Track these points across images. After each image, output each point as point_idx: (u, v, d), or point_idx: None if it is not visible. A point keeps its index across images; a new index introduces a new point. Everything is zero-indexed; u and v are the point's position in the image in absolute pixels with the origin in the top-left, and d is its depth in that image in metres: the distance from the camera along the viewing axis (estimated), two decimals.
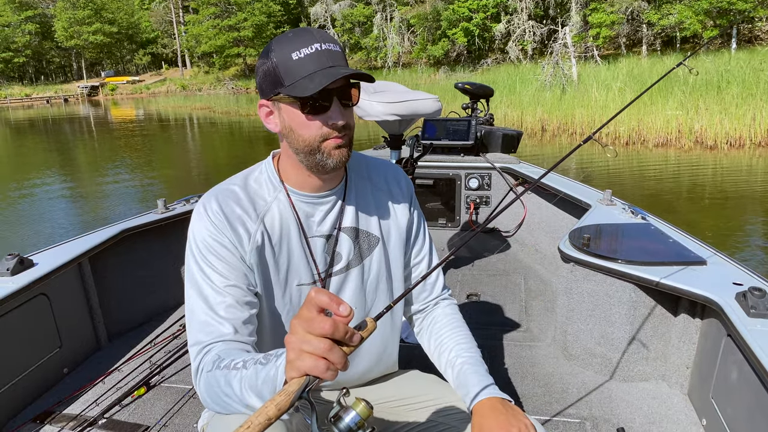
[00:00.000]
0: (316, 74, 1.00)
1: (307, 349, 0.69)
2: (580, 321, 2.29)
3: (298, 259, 1.17)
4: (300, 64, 1.01)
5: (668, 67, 16.05)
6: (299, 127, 1.05)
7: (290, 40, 1.02)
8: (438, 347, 1.29)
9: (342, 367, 0.69)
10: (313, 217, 1.18)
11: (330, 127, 1.04)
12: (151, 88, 50.40)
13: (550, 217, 3.56)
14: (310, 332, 0.69)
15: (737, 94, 11.51)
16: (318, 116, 1.04)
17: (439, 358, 1.29)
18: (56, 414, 2.06)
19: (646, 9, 25.65)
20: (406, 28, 36.14)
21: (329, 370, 0.68)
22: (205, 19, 45.71)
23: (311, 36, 1.02)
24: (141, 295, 2.79)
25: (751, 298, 1.69)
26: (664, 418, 1.96)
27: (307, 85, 0.99)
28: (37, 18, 54.87)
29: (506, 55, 29.15)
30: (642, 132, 11.62)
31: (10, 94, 49.83)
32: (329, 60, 1.01)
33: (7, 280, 2.09)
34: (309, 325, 0.70)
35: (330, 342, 0.69)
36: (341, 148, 1.07)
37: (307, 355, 0.69)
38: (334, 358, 0.69)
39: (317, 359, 0.68)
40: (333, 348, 0.69)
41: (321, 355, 0.68)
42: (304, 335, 0.70)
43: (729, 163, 9.47)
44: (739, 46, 22.65)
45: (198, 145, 16.88)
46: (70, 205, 8.82)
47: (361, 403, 0.76)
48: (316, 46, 1.01)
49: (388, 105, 2.57)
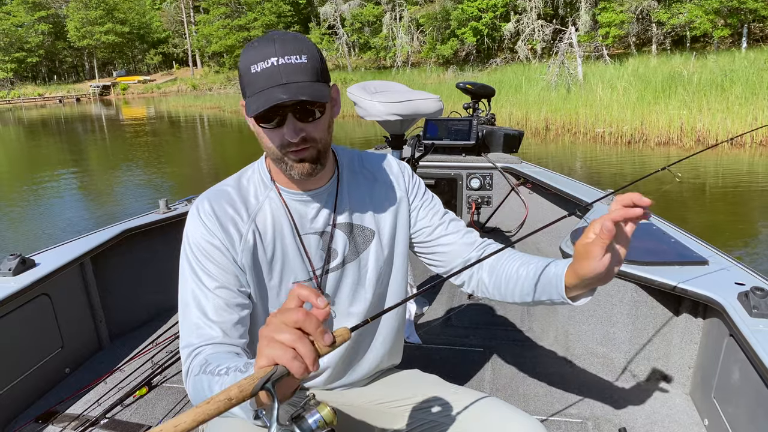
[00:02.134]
0: (263, 93, 0.98)
1: (277, 337, 0.68)
2: (582, 321, 2.28)
3: (292, 257, 1.17)
4: (255, 78, 0.99)
5: (675, 66, 15.97)
6: (260, 136, 1.06)
7: (252, 51, 1.00)
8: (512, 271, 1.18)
9: (310, 362, 0.67)
10: (306, 214, 1.17)
11: (286, 141, 1.02)
12: (162, 87, 50.75)
13: (551, 217, 3.54)
14: (284, 322, 0.69)
15: (740, 93, 11.51)
16: (273, 131, 1.03)
17: (516, 282, 1.16)
18: (58, 414, 2.07)
19: (656, 8, 25.46)
20: (415, 27, 36.10)
21: (296, 360, 0.66)
22: (215, 19, 46.01)
23: (271, 48, 0.99)
24: (143, 295, 2.80)
25: (753, 298, 1.68)
26: (665, 419, 1.95)
27: (253, 103, 0.98)
28: (50, 18, 55.52)
29: (515, 55, 29.03)
30: (645, 131, 11.64)
31: (23, 94, 50.49)
32: (284, 76, 0.98)
33: (8, 280, 2.11)
34: (283, 315, 0.70)
35: (300, 333, 0.68)
36: (303, 161, 1.05)
37: (277, 344, 0.68)
38: (302, 350, 0.67)
39: (285, 348, 0.67)
40: (303, 339, 0.68)
41: (290, 344, 0.67)
42: (278, 325, 0.69)
43: (730, 162, 9.48)
44: (749, 46, 22.42)
45: (208, 143, 16.98)
46: (79, 203, 8.90)
47: (327, 408, 0.76)
48: (272, 61, 0.98)
49: (390, 105, 2.56)
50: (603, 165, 9.84)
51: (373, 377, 1.37)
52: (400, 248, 1.28)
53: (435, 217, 1.29)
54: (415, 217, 1.30)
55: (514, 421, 1.11)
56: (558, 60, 16.76)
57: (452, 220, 1.30)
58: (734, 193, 7.55)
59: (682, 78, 13.29)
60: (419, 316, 2.84)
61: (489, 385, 2.22)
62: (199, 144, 16.84)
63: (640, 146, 11.23)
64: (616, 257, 0.93)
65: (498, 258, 1.22)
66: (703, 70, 14.44)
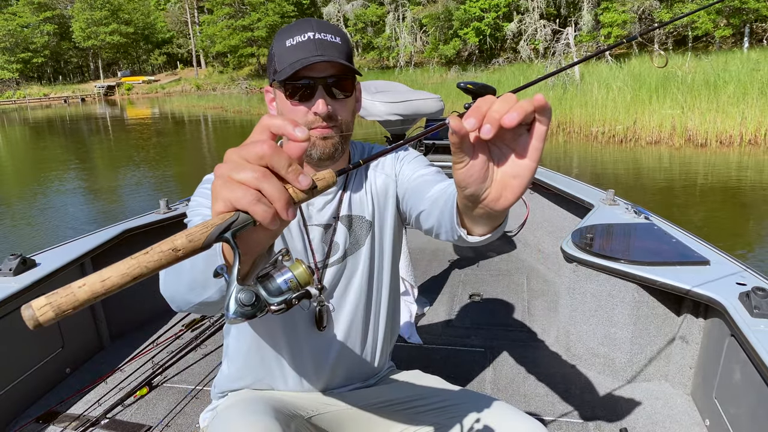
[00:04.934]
0: (299, 61, 1.01)
1: (236, 176, 0.52)
2: (583, 321, 2.27)
3: (296, 247, 1.17)
4: (290, 51, 1.03)
5: (669, 67, 16.04)
6: (287, 113, 1.07)
7: (289, 28, 1.05)
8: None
9: (282, 207, 0.52)
10: (313, 205, 1.18)
11: (313, 115, 1.04)
12: (166, 87, 50.82)
13: (552, 217, 3.54)
14: (244, 157, 0.53)
15: (732, 93, 11.65)
16: (302, 103, 1.05)
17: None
18: (59, 414, 2.08)
19: (658, 8, 25.37)
20: (418, 27, 36.09)
21: (261, 203, 0.51)
22: (219, 20, 46.05)
23: (309, 25, 1.04)
24: (143, 296, 2.80)
25: (754, 298, 1.67)
26: (667, 419, 1.94)
27: (287, 71, 1.01)
28: (56, 19, 55.64)
29: (518, 55, 28.99)
30: (637, 130, 11.80)
31: (29, 94, 50.60)
32: (319, 49, 1.02)
33: (9, 280, 2.11)
34: (244, 149, 0.54)
35: (266, 170, 0.52)
36: (326, 139, 1.07)
37: (236, 184, 0.52)
38: (270, 191, 0.52)
39: (247, 189, 0.52)
40: (269, 178, 0.52)
41: (253, 185, 0.52)
42: (237, 162, 0.53)
43: (718, 161, 9.60)
44: (752, 45, 22.33)
45: (211, 143, 17.05)
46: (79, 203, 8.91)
47: (302, 266, 0.60)
48: (309, 35, 1.02)
49: (391, 105, 2.57)
50: (596, 163, 10.03)
51: (373, 378, 1.36)
52: (396, 237, 1.28)
53: (418, 171, 1.20)
54: (400, 180, 1.23)
55: (516, 422, 1.11)
56: (555, 60, 16.87)
57: (437, 172, 1.20)
58: (721, 189, 7.65)
59: (677, 78, 13.46)
60: (420, 317, 2.83)
61: (490, 385, 2.22)
62: (202, 144, 16.93)
63: (632, 145, 11.42)
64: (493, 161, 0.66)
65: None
66: (698, 70, 14.64)
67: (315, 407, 1.23)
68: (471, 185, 0.64)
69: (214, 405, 1.33)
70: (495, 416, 1.14)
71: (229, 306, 0.56)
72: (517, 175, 0.63)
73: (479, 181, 0.64)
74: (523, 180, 0.63)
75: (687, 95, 12.17)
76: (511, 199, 0.65)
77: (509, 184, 0.64)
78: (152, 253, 0.50)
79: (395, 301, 1.35)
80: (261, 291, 0.58)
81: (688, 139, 11.01)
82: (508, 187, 0.64)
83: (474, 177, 0.63)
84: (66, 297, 0.46)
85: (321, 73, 1.02)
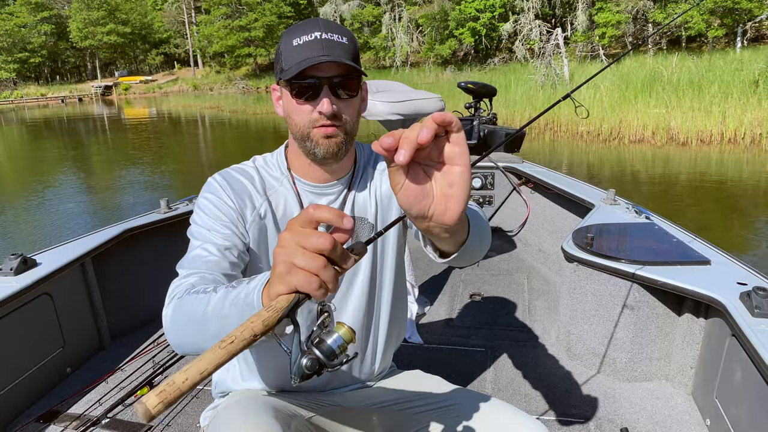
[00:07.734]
0: (305, 61, 1.02)
1: (300, 264, 0.62)
2: (584, 321, 2.27)
3: None
4: (297, 50, 1.03)
5: (656, 66, 16.22)
6: (292, 112, 1.08)
7: (297, 28, 1.06)
8: None
9: (333, 288, 0.63)
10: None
11: (318, 114, 1.05)
12: (163, 87, 50.76)
13: (553, 217, 3.54)
14: (304, 246, 0.62)
15: (716, 93, 11.85)
16: (307, 102, 1.05)
17: None
18: (60, 413, 2.07)
19: (652, 8, 25.43)
20: (414, 27, 36.14)
21: (321, 288, 0.62)
22: (216, 20, 45.99)
23: (316, 25, 1.05)
24: (144, 295, 2.80)
25: (755, 297, 1.67)
26: (667, 419, 1.94)
27: (293, 70, 1.02)
28: (53, 19, 55.57)
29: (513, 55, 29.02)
30: (621, 129, 11.99)
31: (26, 94, 50.49)
32: (325, 49, 1.02)
33: (10, 279, 2.11)
34: (304, 239, 0.62)
35: (325, 259, 0.62)
36: (330, 138, 1.07)
37: (300, 271, 0.62)
38: (327, 277, 0.62)
39: (310, 276, 0.61)
40: (327, 266, 0.62)
41: (314, 272, 0.61)
42: (296, 249, 0.62)
43: (700, 158, 9.78)
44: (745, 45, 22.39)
45: (208, 142, 17.05)
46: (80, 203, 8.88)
47: (344, 327, 0.69)
48: (316, 35, 1.03)
49: (391, 104, 2.57)
50: (582, 161, 10.21)
51: (374, 378, 1.36)
52: (398, 241, 1.28)
53: None
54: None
55: (517, 422, 1.11)
56: (545, 60, 17.04)
57: None
58: (706, 186, 7.74)
59: (663, 78, 13.63)
60: (421, 317, 2.84)
61: (491, 385, 2.22)
62: (200, 143, 16.90)
63: (616, 143, 11.60)
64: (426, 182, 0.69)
65: None
66: (683, 70, 14.81)
67: (315, 407, 1.23)
68: (413, 206, 0.67)
69: (215, 404, 1.33)
70: (496, 416, 1.14)
71: (294, 372, 0.68)
72: (453, 183, 0.66)
73: (419, 199, 0.67)
74: (460, 187, 0.66)
75: (672, 95, 12.40)
76: (456, 209, 0.67)
77: (448, 194, 0.67)
78: (237, 342, 0.59)
79: (399, 304, 1.35)
80: (320, 355, 0.68)
81: (670, 138, 11.24)
82: (450, 197, 0.67)
83: (413, 197, 0.67)
84: (174, 393, 0.54)
85: (327, 73, 1.03)
